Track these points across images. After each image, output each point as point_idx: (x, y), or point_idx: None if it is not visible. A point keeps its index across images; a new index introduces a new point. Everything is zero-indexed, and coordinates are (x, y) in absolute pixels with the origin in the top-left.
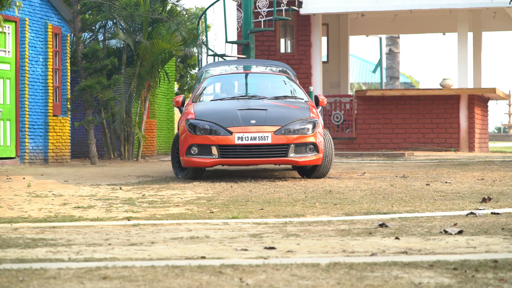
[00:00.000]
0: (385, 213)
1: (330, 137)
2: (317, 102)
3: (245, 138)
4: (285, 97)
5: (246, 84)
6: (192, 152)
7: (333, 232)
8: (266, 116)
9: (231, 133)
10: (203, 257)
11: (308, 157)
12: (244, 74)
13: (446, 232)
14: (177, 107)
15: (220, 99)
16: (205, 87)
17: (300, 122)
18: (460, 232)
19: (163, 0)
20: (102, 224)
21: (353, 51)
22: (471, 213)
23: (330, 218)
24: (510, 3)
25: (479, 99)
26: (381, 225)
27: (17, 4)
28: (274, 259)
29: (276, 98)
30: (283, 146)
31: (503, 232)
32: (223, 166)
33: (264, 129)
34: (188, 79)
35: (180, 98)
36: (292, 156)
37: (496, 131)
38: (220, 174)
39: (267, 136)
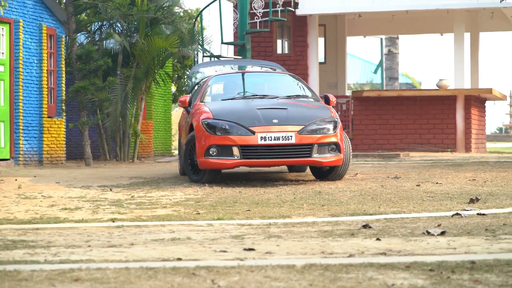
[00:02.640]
0: (371, 214)
1: (347, 136)
2: (327, 101)
3: (268, 138)
4: (297, 96)
5: (253, 83)
6: (211, 153)
7: (316, 233)
8: (288, 116)
9: (253, 133)
10: (179, 259)
11: (331, 158)
12: (249, 74)
13: (428, 233)
14: (183, 107)
15: (231, 99)
16: (211, 86)
17: (322, 122)
18: (442, 233)
19: (161, 6)
20: (85, 226)
21: (354, 51)
22: (457, 214)
23: (315, 219)
24: (501, 2)
25: (476, 100)
26: (365, 226)
27: (2, 4)
28: (250, 261)
29: (289, 97)
30: (307, 146)
31: (486, 233)
32: (237, 167)
33: (287, 128)
34: (185, 80)
35: (186, 98)
36: (315, 156)
37: (497, 131)
38: None
39: (291, 136)
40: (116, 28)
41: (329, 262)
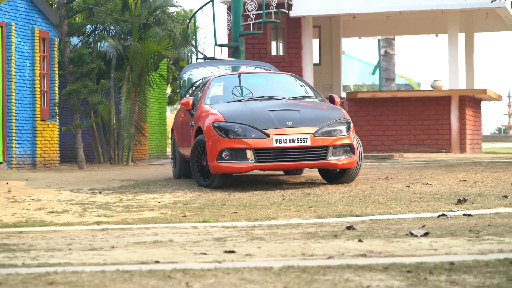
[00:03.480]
0: (357, 216)
1: (358, 138)
2: (332, 102)
3: (283, 140)
4: (303, 97)
5: (255, 84)
6: (224, 157)
7: (299, 235)
8: (302, 117)
9: (268, 135)
10: (157, 262)
11: (345, 160)
12: (251, 74)
13: (412, 234)
14: (187, 110)
15: (237, 101)
16: (213, 88)
17: (336, 123)
18: (426, 234)
19: (154, 9)
20: (70, 229)
21: (354, 53)
22: (443, 214)
23: (300, 221)
24: (492, 2)
25: (471, 100)
26: (349, 228)
27: None
28: (228, 263)
29: (295, 98)
30: (322, 149)
31: (470, 234)
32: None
33: (302, 130)
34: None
35: (189, 100)
36: (331, 159)
37: (497, 132)
38: None
39: (306, 138)
40: (110, 31)
41: (307, 264)
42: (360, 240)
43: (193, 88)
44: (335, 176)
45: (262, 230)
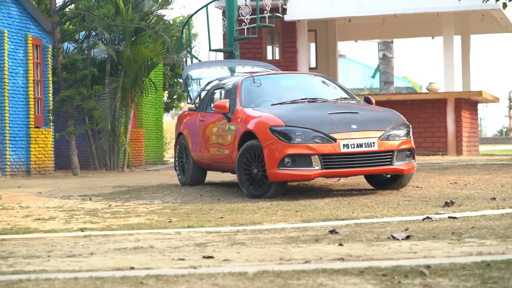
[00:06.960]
0: (343, 219)
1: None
2: (369, 103)
3: (350, 145)
4: (345, 98)
5: (288, 86)
6: (286, 163)
7: (280, 240)
8: (364, 120)
9: (335, 140)
10: (132, 268)
11: (406, 165)
12: (282, 75)
13: (393, 237)
14: (223, 113)
15: (281, 103)
16: (246, 90)
17: (398, 126)
18: (407, 237)
19: (146, 13)
20: (53, 236)
21: (354, 56)
22: (427, 217)
23: (285, 225)
24: (483, 2)
25: (467, 103)
26: (331, 232)
27: None
28: (203, 269)
29: (337, 100)
30: (388, 153)
31: (452, 237)
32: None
33: (367, 134)
34: (177, 88)
35: (226, 102)
36: (396, 164)
37: (498, 134)
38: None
39: (373, 143)
40: (103, 38)
41: (282, 268)
42: (340, 244)
43: (205, 90)
44: (385, 181)
45: (245, 235)
